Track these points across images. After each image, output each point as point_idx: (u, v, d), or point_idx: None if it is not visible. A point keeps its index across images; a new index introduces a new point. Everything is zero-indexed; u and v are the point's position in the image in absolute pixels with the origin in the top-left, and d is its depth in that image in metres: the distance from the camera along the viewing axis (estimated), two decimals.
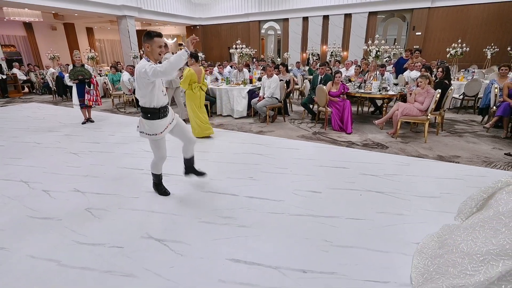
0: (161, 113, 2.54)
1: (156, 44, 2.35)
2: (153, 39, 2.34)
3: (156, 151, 2.69)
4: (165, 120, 2.62)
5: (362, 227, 2.40)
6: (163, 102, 2.54)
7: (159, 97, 2.49)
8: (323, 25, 14.86)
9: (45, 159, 4.04)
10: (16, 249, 2.17)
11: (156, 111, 2.51)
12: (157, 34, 2.38)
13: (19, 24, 15.52)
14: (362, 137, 4.90)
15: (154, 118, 2.52)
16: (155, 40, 2.34)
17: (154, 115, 2.52)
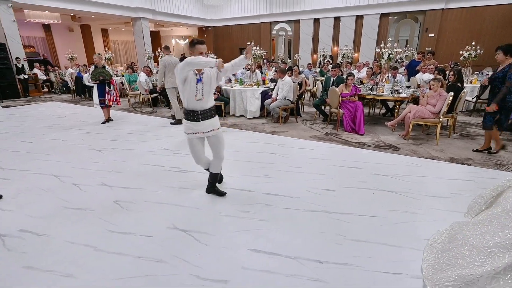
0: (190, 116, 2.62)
1: (197, 50, 2.49)
2: (195, 46, 2.49)
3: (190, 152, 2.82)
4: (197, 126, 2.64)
5: (375, 224, 2.52)
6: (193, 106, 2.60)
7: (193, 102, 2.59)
8: (334, 26, 14.91)
9: (72, 155, 4.29)
10: (56, 235, 2.39)
11: (186, 112, 2.65)
12: (199, 41, 2.51)
13: (38, 26, 16.09)
14: (374, 138, 4.99)
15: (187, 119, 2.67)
16: (196, 47, 2.49)
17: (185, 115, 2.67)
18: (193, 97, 2.55)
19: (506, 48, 3.75)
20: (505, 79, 3.73)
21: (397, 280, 1.89)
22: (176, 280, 1.91)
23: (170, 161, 3.99)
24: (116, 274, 1.96)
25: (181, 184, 3.32)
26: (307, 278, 1.92)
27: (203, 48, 2.52)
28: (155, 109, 7.93)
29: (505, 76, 3.75)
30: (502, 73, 3.79)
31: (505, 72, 3.75)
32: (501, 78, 3.81)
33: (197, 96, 2.55)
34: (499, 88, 3.84)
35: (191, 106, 2.60)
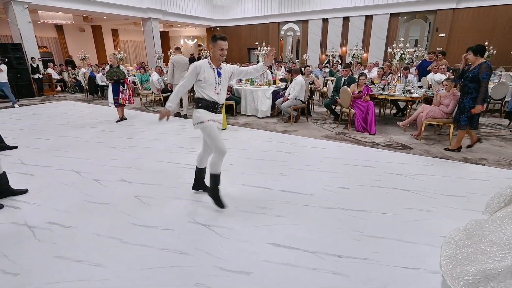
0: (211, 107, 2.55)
1: (218, 46, 2.44)
2: (216, 42, 2.44)
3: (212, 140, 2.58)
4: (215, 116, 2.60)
5: (391, 221, 2.56)
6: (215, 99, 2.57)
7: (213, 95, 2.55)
8: (343, 26, 14.89)
9: (90, 152, 4.41)
10: (82, 228, 2.49)
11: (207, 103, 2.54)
12: (221, 37, 2.46)
13: (51, 27, 16.44)
14: (386, 138, 5.01)
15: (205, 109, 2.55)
16: (218, 43, 2.44)
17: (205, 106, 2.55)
18: (213, 91, 2.52)
19: (476, 49, 3.83)
20: (474, 79, 3.84)
21: (417, 275, 1.93)
22: (200, 271, 1.98)
23: (186, 159, 4.07)
24: (143, 265, 2.04)
25: None
26: (328, 271, 1.98)
27: (225, 45, 2.47)
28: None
29: (474, 76, 3.83)
30: (472, 73, 3.86)
31: (476, 72, 3.81)
32: (470, 78, 3.88)
33: (216, 89, 2.54)
34: (468, 87, 3.93)
35: (212, 96, 2.54)
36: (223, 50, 2.48)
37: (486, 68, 3.73)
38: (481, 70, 3.75)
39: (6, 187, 2.98)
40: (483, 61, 3.80)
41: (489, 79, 3.90)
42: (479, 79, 3.79)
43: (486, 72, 3.73)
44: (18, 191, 3.03)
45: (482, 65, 3.76)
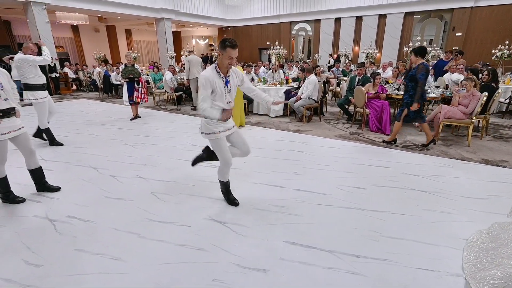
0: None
1: (227, 54, 2.25)
2: (226, 49, 2.24)
3: (219, 153, 2.56)
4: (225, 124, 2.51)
5: (409, 222, 2.51)
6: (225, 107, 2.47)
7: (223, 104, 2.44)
8: (356, 26, 14.71)
9: (106, 149, 4.50)
10: (101, 222, 2.54)
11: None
12: (231, 45, 2.24)
13: (67, 27, 16.85)
14: (401, 138, 4.92)
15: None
16: (227, 51, 2.24)
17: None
18: (224, 101, 2.41)
19: (416, 50, 4.09)
20: (413, 78, 4.07)
21: (438, 278, 1.89)
22: (218, 267, 1.99)
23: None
24: (161, 260, 2.07)
25: (212, 178, 3.39)
26: (345, 271, 1.95)
27: (234, 53, 2.27)
28: (179, 107, 8.13)
29: (413, 76, 4.07)
30: (412, 72, 4.11)
31: (414, 72, 4.06)
32: (409, 77, 4.13)
33: (227, 98, 2.42)
34: (407, 86, 4.21)
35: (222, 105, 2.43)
36: (232, 59, 2.29)
37: (422, 69, 3.96)
38: (418, 70, 3.99)
39: (43, 181, 3.04)
40: (421, 62, 4.01)
41: (426, 79, 4.11)
42: (416, 79, 4.02)
43: (422, 73, 3.96)
44: (53, 188, 3.08)
45: (419, 65, 3.99)
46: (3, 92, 2.56)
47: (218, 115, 2.40)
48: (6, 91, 2.59)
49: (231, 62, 2.32)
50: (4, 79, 2.63)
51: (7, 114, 2.59)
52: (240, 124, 5.66)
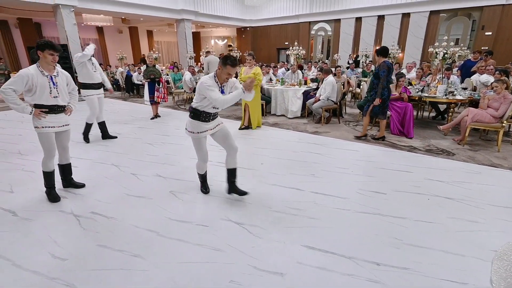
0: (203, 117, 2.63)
1: (226, 71, 2.45)
2: (226, 67, 2.43)
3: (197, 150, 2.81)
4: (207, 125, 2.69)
5: (433, 230, 2.41)
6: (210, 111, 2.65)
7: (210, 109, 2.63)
8: (378, 25, 14.33)
9: (128, 147, 4.63)
10: (122, 219, 2.61)
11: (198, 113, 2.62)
12: (232, 63, 2.43)
13: (92, 28, 17.52)
14: (425, 142, 4.74)
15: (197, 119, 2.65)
16: (227, 68, 2.43)
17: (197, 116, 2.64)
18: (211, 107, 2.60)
19: (378, 51, 4.52)
20: (377, 76, 4.47)
21: None
22: (235, 269, 1.99)
23: (217, 157, 4.12)
24: (179, 259, 2.10)
25: None
26: (365, 278, 1.90)
27: (233, 71, 2.47)
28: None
29: (376, 73, 4.48)
30: (376, 70, 4.51)
31: (377, 69, 4.46)
32: (374, 75, 4.56)
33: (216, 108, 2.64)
34: (373, 83, 4.57)
35: (208, 110, 2.62)
36: (230, 75, 2.51)
37: (383, 66, 4.36)
38: (380, 67, 4.41)
39: (69, 178, 3.18)
40: (383, 60, 4.42)
41: (387, 76, 4.43)
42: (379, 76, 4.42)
43: (383, 69, 4.35)
44: (78, 184, 3.22)
45: (381, 63, 4.40)
46: (55, 90, 2.73)
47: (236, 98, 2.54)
48: (59, 90, 2.76)
49: (228, 77, 2.54)
50: (62, 80, 2.82)
51: (53, 110, 2.75)
52: (257, 125, 5.66)
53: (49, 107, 2.73)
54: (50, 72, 2.70)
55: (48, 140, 2.78)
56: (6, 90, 2.52)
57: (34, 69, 2.63)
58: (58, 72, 2.78)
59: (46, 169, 2.87)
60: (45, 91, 2.67)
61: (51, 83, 2.69)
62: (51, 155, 2.85)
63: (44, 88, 2.66)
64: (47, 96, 2.69)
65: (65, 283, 1.89)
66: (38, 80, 2.61)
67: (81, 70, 4.63)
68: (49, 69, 2.70)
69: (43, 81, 2.64)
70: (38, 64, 2.67)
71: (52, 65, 2.71)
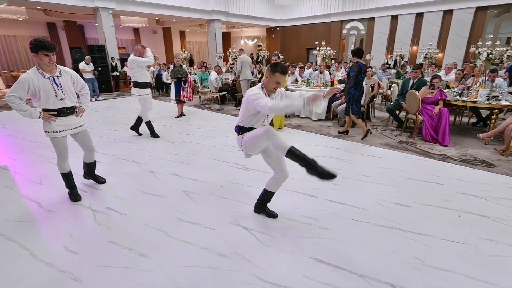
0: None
1: (275, 79, 2.20)
2: (275, 74, 2.18)
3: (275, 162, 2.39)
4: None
5: (462, 252, 2.16)
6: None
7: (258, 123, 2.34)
8: (416, 23, 13.48)
9: (150, 145, 4.76)
10: (134, 217, 2.66)
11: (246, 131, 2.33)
12: (282, 71, 2.17)
13: (129, 29, 18.43)
14: (461, 151, 4.33)
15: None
16: (276, 76, 2.18)
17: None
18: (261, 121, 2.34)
19: (353, 51, 4.87)
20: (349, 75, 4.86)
21: None
22: (237, 277, 1.92)
23: (235, 158, 4.10)
24: (183, 262, 2.08)
25: (244, 181, 3.37)
26: None
27: (282, 80, 2.22)
28: (223, 106, 8.31)
29: (348, 72, 4.87)
30: (349, 70, 4.87)
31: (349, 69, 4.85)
32: (347, 74, 4.96)
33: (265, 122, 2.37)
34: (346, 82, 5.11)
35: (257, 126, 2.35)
36: (279, 84, 2.23)
37: (354, 66, 4.64)
38: (351, 68, 4.74)
39: (93, 173, 3.28)
40: (356, 61, 4.68)
41: (357, 76, 4.66)
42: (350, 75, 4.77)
43: (353, 69, 4.66)
44: (100, 179, 3.31)
45: (354, 63, 4.69)
46: (61, 92, 2.61)
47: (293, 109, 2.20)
48: (65, 91, 2.64)
49: (277, 86, 2.25)
50: (67, 79, 2.68)
51: (62, 113, 2.66)
52: (278, 127, 5.55)
53: (57, 110, 2.63)
54: (51, 73, 2.56)
55: (60, 144, 2.73)
56: (10, 98, 2.45)
57: (34, 72, 2.50)
58: (61, 72, 2.64)
59: (62, 171, 2.87)
60: (50, 95, 2.55)
61: (54, 85, 2.55)
62: (64, 157, 2.82)
63: (48, 91, 2.54)
64: (53, 99, 2.58)
65: (73, 277, 1.94)
66: (39, 84, 2.49)
67: (139, 71, 4.85)
68: (50, 70, 2.55)
69: (45, 84, 2.51)
70: (37, 66, 2.52)
71: (51, 66, 2.53)
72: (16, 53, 14.72)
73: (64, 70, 2.70)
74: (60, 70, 2.64)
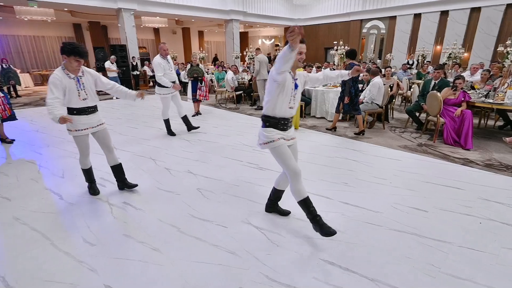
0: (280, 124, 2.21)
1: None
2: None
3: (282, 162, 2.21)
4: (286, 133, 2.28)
5: (481, 261, 2.06)
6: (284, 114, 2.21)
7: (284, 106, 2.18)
8: (440, 22, 12.97)
9: (166, 142, 4.88)
10: (149, 212, 2.73)
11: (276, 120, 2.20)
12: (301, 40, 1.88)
13: (150, 30, 18.91)
14: (485, 155, 4.13)
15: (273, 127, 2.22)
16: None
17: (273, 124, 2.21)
18: (286, 105, 2.17)
19: (346, 52, 5.13)
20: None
21: None
22: (246, 275, 1.94)
23: (248, 157, 4.12)
24: (194, 258, 2.11)
25: (257, 181, 3.38)
26: None
27: (304, 49, 2.13)
28: (238, 105, 8.36)
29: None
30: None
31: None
32: None
33: (290, 103, 2.19)
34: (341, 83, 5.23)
35: (282, 113, 2.19)
36: (302, 54, 2.12)
37: (348, 68, 4.74)
38: (346, 68, 4.83)
39: (123, 178, 3.14)
40: (349, 62, 4.93)
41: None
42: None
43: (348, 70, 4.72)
44: (131, 185, 3.15)
45: (347, 65, 4.91)
46: (83, 92, 2.67)
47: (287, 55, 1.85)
48: (87, 91, 2.70)
49: (301, 57, 2.13)
50: (89, 79, 2.72)
51: (84, 112, 2.74)
52: (294, 127, 5.51)
53: (79, 110, 2.71)
54: (75, 73, 2.63)
55: (82, 142, 2.83)
56: (52, 102, 2.47)
57: (60, 71, 2.57)
58: (83, 72, 2.70)
59: (84, 166, 3.00)
60: (74, 94, 2.63)
61: (78, 85, 2.63)
62: (85, 154, 2.92)
63: (73, 91, 2.62)
64: (76, 99, 2.65)
65: (90, 268, 2.03)
66: (66, 83, 2.57)
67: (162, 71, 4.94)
68: (75, 71, 2.62)
69: (71, 84, 2.60)
70: (63, 66, 2.59)
71: (78, 70, 2.63)
72: (44, 53, 15.50)
73: (87, 70, 2.75)
74: (82, 70, 2.69)
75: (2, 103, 4.76)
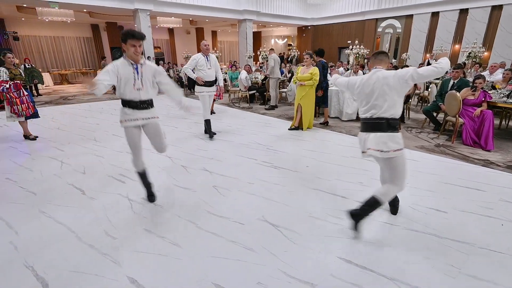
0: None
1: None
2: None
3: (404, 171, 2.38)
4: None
5: (504, 263, 2.02)
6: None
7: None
8: (459, 20, 12.62)
9: (182, 141, 4.96)
10: (167, 207, 2.80)
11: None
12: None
13: (164, 30, 19.21)
14: (507, 157, 4.01)
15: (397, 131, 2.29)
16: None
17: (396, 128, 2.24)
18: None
19: (316, 52, 5.66)
20: None
21: None
22: (264, 271, 1.96)
23: (263, 156, 4.15)
24: (212, 253, 2.16)
25: (272, 179, 3.40)
26: None
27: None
28: (251, 105, 8.40)
29: None
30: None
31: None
32: None
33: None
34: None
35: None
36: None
37: (318, 64, 5.38)
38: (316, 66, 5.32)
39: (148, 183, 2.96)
40: (319, 59, 5.55)
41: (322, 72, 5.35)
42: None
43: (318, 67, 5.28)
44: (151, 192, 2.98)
45: (317, 62, 5.48)
46: (139, 82, 2.54)
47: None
48: (143, 81, 2.57)
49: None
50: (148, 71, 2.60)
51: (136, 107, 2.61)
52: (307, 126, 5.50)
53: (131, 102, 2.59)
54: (136, 61, 2.52)
55: (130, 136, 2.69)
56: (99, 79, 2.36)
57: (120, 60, 2.53)
58: (145, 62, 2.61)
59: (135, 167, 2.83)
60: (129, 82, 2.51)
61: (135, 73, 2.52)
62: (135, 154, 2.78)
63: (128, 79, 2.51)
64: (130, 88, 2.53)
65: (113, 260, 2.10)
66: (124, 71, 2.49)
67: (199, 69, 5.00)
68: (136, 59, 2.51)
69: (129, 72, 2.50)
70: (124, 55, 2.52)
71: (137, 57, 2.49)
72: (64, 53, 16.01)
73: (148, 63, 2.66)
74: (144, 60, 2.61)
75: (26, 101, 4.97)
